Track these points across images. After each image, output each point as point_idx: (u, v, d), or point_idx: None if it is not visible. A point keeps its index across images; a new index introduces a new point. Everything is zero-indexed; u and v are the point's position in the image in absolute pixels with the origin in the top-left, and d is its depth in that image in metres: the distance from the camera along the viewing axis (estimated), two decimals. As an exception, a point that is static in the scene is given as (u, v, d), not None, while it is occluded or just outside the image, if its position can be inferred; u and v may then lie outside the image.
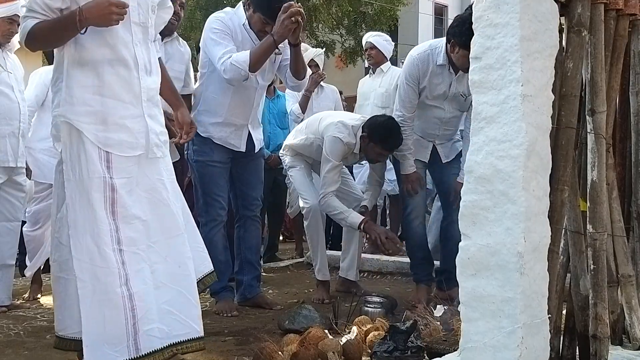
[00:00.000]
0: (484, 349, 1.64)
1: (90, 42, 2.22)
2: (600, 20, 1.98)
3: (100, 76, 2.24)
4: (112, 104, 2.25)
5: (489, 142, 1.69)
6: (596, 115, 1.98)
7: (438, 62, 3.50)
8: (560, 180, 1.85)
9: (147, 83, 2.34)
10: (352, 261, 4.01)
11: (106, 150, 2.23)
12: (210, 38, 3.30)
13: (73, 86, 2.24)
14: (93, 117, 2.23)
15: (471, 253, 1.69)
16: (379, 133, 3.62)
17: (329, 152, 3.68)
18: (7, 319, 3.32)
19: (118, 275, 2.18)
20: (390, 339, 2.40)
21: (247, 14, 3.38)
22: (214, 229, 3.49)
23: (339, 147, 3.67)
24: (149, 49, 2.38)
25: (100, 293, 2.17)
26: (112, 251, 2.19)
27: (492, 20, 1.70)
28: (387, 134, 3.60)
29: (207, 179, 3.48)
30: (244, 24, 3.37)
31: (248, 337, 2.94)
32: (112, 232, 2.21)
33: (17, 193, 3.65)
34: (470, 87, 1.77)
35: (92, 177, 2.20)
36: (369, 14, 13.51)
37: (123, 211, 2.24)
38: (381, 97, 5.21)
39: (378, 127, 3.63)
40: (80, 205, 2.21)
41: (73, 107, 2.23)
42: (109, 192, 2.22)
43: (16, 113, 3.54)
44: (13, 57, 3.67)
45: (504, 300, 1.62)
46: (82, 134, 2.22)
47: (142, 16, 2.33)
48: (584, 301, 1.97)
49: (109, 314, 2.16)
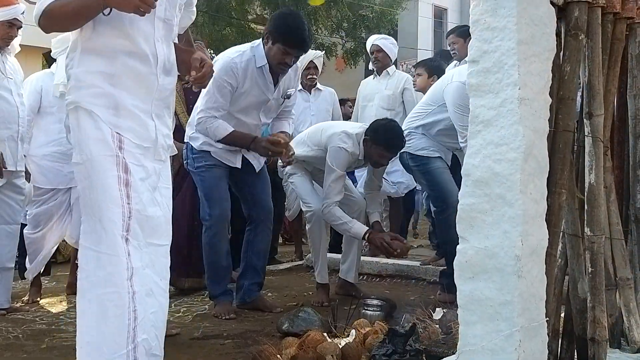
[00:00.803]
0: (482, 352, 1.64)
1: (110, 30, 2.05)
2: (597, 24, 1.98)
3: (114, 66, 2.06)
4: (123, 95, 2.06)
5: (487, 146, 1.69)
6: (594, 119, 1.98)
7: None
8: (557, 183, 1.85)
9: (165, 82, 2.18)
10: (352, 263, 4.01)
11: (117, 132, 2.02)
12: (209, 86, 3.19)
13: (84, 71, 2.06)
14: (104, 99, 2.03)
15: (469, 256, 1.69)
16: (382, 135, 3.62)
17: (334, 163, 3.67)
18: (6, 322, 3.32)
19: (126, 266, 1.93)
20: (389, 342, 2.40)
21: (266, 48, 3.37)
22: (218, 232, 3.48)
23: (344, 157, 3.67)
24: (170, 46, 2.21)
25: (103, 285, 1.91)
26: (121, 238, 1.95)
27: (490, 24, 1.71)
28: (390, 135, 3.62)
29: (209, 182, 3.47)
30: (263, 66, 3.38)
31: (247, 340, 2.94)
32: (124, 216, 1.96)
33: (16, 196, 3.65)
34: (468, 90, 1.77)
35: (105, 155, 1.98)
36: (369, 17, 13.54)
37: (136, 197, 2.00)
38: (387, 100, 5.23)
39: (381, 130, 3.64)
40: (91, 188, 1.98)
41: (81, 90, 2.04)
42: (123, 172, 1.99)
43: (15, 117, 3.54)
44: (13, 60, 3.67)
45: (501, 303, 1.62)
46: (93, 113, 2.01)
47: (169, 12, 2.16)
48: (582, 304, 1.98)
49: (113, 310, 1.89)
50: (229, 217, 3.56)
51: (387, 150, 3.66)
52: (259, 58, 3.37)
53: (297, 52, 3.37)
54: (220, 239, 3.51)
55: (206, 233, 3.51)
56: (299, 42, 3.32)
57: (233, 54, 3.42)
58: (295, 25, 3.32)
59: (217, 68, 3.26)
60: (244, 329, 3.20)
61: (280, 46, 3.29)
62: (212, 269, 3.54)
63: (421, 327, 2.72)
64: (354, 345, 2.52)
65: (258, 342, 2.63)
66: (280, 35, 3.29)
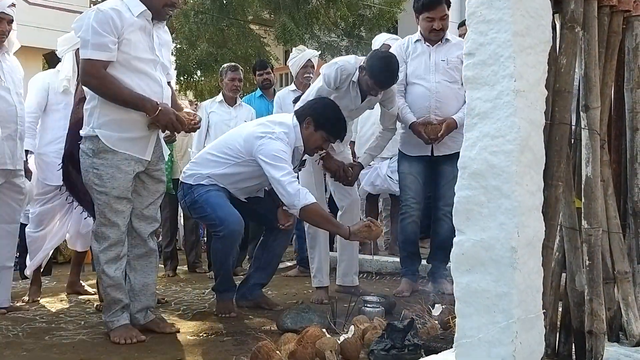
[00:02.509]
0: (479, 344, 1.63)
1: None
2: (593, 17, 1.98)
3: None
4: None
5: (483, 138, 1.69)
6: (590, 111, 1.98)
7: None
8: (554, 176, 1.85)
9: None
10: (348, 268, 3.98)
11: None
12: (276, 155, 3.32)
13: None
14: None
15: (465, 248, 1.69)
16: (377, 69, 3.56)
17: (323, 74, 3.65)
18: (6, 320, 3.32)
19: None
20: (388, 337, 2.40)
21: (306, 132, 3.47)
22: (228, 245, 3.40)
23: (333, 70, 3.60)
24: None
25: None
26: None
27: (485, 16, 1.70)
28: (384, 72, 3.57)
29: (214, 198, 3.42)
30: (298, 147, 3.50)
31: (246, 337, 2.94)
32: None
33: (15, 195, 3.65)
34: (464, 83, 1.77)
35: None
36: (368, 16, 13.53)
37: None
38: None
39: (377, 64, 3.57)
40: None
41: None
42: None
43: (13, 116, 3.52)
44: (12, 59, 3.65)
45: (498, 295, 1.62)
46: None
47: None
48: (580, 297, 1.97)
49: None
50: (242, 229, 3.45)
51: (377, 85, 3.60)
52: (298, 139, 3.48)
53: (335, 141, 3.61)
54: (232, 250, 3.46)
55: (217, 245, 3.45)
56: (343, 133, 3.57)
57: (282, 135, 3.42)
58: (337, 117, 3.51)
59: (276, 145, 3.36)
60: (244, 326, 3.20)
61: (324, 134, 3.48)
62: (219, 267, 3.52)
63: (420, 323, 2.73)
64: (353, 340, 2.52)
65: (258, 339, 2.63)
66: (324, 125, 3.46)
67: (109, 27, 2.77)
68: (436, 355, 2.12)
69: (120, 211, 2.90)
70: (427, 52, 3.99)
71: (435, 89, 3.91)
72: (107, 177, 2.87)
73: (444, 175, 3.96)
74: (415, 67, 3.99)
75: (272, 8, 13.06)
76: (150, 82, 2.92)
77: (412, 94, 3.99)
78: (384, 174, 5.22)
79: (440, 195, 4.00)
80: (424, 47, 4.00)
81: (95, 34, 2.77)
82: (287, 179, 3.25)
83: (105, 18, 2.77)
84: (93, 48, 2.78)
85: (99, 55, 2.78)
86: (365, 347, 2.55)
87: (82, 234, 4.07)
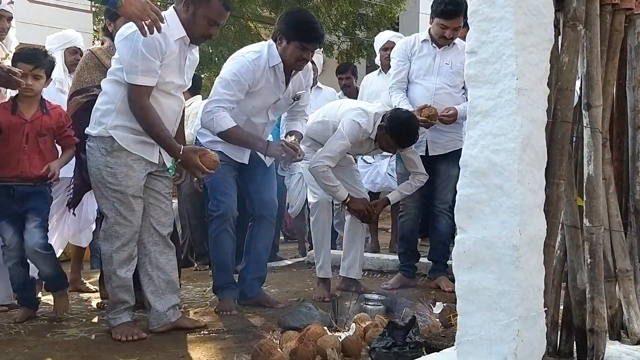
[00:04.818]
0: (480, 342, 1.64)
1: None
2: (595, 15, 1.98)
3: None
4: None
5: (485, 136, 1.69)
6: (592, 110, 1.98)
7: None
8: (556, 174, 1.85)
9: None
10: (354, 260, 4.00)
11: None
12: (227, 79, 3.33)
13: None
14: None
15: (467, 246, 1.69)
16: (398, 129, 3.64)
17: (345, 130, 3.68)
18: (7, 318, 3.32)
19: None
20: (389, 335, 2.40)
21: (280, 48, 3.40)
22: (223, 225, 3.48)
23: (356, 130, 3.67)
24: None
25: None
26: None
27: (487, 14, 1.71)
28: (406, 132, 3.65)
29: (215, 177, 3.41)
30: (277, 64, 3.41)
31: (248, 335, 2.94)
32: None
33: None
34: (466, 81, 1.78)
35: None
36: (369, 15, 13.50)
37: None
38: None
39: (399, 123, 3.64)
40: None
41: None
42: None
43: None
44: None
45: (499, 293, 1.62)
46: None
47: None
48: (581, 295, 1.98)
49: None
50: (236, 212, 3.55)
51: (399, 144, 3.71)
52: (273, 57, 3.41)
53: (314, 45, 3.43)
54: (227, 233, 3.50)
55: (212, 227, 3.53)
56: (315, 36, 3.39)
57: (252, 55, 3.42)
58: (307, 20, 3.42)
59: (237, 67, 3.35)
60: (245, 324, 3.21)
61: (297, 43, 3.35)
62: (218, 263, 3.55)
63: (421, 321, 2.73)
64: (354, 338, 2.52)
65: (259, 337, 2.64)
66: (294, 33, 3.34)
67: (156, 52, 2.79)
68: (437, 353, 2.12)
69: (136, 210, 2.93)
70: (432, 54, 4.05)
71: (434, 91, 4.00)
72: (121, 175, 2.89)
73: (439, 174, 4.06)
74: (419, 66, 4.06)
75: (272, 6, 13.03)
76: (171, 102, 2.99)
77: (412, 93, 4.08)
78: (384, 172, 5.23)
79: (436, 194, 4.09)
80: (431, 48, 4.06)
81: (144, 60, 2.77)
82: (211, 107, 3.31)
83: (153, 43, 2.76)
84: (143, 74, 2.79)
85: (148, 81, 2.81)
86: (367, 345, 2.55)
87: (84, 230, 4.09)
